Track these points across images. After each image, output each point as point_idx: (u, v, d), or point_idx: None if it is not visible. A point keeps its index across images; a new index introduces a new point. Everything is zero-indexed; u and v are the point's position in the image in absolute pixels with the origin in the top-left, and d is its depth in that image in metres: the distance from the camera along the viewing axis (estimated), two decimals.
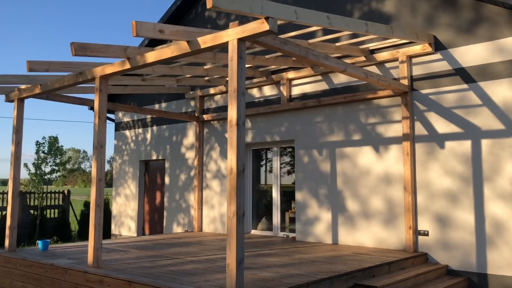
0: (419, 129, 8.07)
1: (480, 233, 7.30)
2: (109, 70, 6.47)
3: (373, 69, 8.75)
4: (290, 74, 9.81)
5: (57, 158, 15.24)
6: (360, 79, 7.21)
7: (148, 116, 13.06)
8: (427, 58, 8.10)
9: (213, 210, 11.13)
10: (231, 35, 5.01)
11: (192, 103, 11.97)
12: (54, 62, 6.64)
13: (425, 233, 7.87)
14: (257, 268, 6.21)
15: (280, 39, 5.49)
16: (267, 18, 4.70)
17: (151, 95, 13.06)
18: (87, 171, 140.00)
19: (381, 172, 8.47)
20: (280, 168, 10.45)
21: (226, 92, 11.13)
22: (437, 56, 7.97)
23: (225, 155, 11.00)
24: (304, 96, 9.75)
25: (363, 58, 8.72)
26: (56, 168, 15.19)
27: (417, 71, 8.20)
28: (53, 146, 15.03)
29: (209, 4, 4.11)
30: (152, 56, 5.89)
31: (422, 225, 7.91)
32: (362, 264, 6.54)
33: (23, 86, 8.16)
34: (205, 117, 11.32)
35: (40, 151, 15.00)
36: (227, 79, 10.90)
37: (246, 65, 8.75)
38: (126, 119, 13.87)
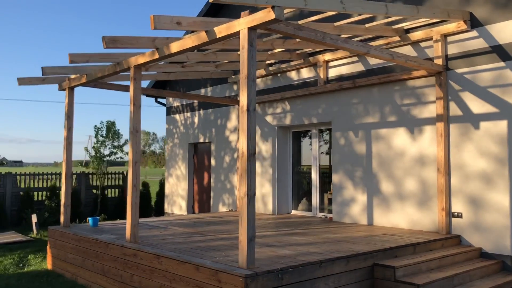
0: (454, 109, 7.90)
1: None
2: (141, 60, 6.90)
3: (408, 49, 8.61)
4: (327, 56, 9.84)
5: (114, 141, 16.21)
6: (387, 61, 7.16)
7: (195, 101, 13.57)
8: (462, 36, 7.86)
9: (255, 191, 11.48)
10: (242, 24, 5.23)
11: (235, 87, 12.31)
12: (93, 54, 7.17)
13: (459, 215, 7.76)
14: (279, 246, 6.48)
15: (294, 25, 5.63)
16: (273, 7, 4.87)
17: (198, 80, 13.54)
18: (157, 152, 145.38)
19: (415, 153, 8.39)
20: (319, 149, 10.58)
21: (265, 75, 11.34)
22: (473, 33, 7.72)
23: (265, 138, 11.28)
24: (340, 78, 9.77)
25: (397, 38, 8.59)
26: (114, 150, 16.17)
27: (452, 49, 7.98)
28: (110, 130, 15.99)
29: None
30: (176, 46, 6.24)
31: (456, 207, 7.80)
32: (385, 245, 6.63)
33: (72, 76, 8.85)
34: None
35: (99, 135, 16.02)
36: (267, 62, 11.11)
37: (281, 49, 8.89)
38: (176, 103, 14.49)
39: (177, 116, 14.41)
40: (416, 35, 8.34)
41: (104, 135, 16.03)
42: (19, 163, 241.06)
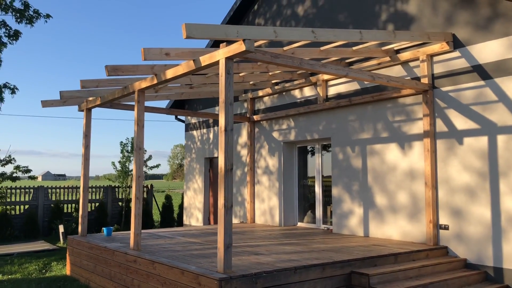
0: (440, 126, 8.28)
1: (496, 227, 7.41)
2: (143, 84, 7.68)
3: (398, 68, 9.06)
4: (326, 76, 10.39)
5: None
6: (370, 82, 7.66)
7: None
8: (446, 56, 8.27)
9: (263, 204, 12.07)
10: (221, 54, 5.90)
11: (246, 104, 12.99)
12: (102, 79, 8.01)
13: (446, 227, 8.10)
14: (265, 254, 7.04)
15: (271, 53, 6.26)
16: (244, 40, 5.51)
17: (213, 99, 14.30)
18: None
19: (406, 168, 8.79)
20: (322, 164, 11.08)
21: (272, 94, 11.97)
22: (456, 53, 8.12)
23: (272, 153, 11.87)
24: (339, 96, 10.28)
25: (388, 59, 9.07)
26: None
27: (438, 69, 8.39)
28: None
29: (184, 35, 5.05)
30: (170, 72, 6.97)
31: (443, 219, 8.15)
32: (366, 254, 7.07)
33: (90, 98, 9.74)
34: (255, 117, 12.27)
35: (124, 150, 17.01)
36: (273, 81, 11.75)
37: (283, 70, 9.51)
38: (193, 120, 15.30)
39: (194, 132, 15.20)
40: (404, 56, 8.80)
41: (129, 151, 16.98)
42: (63, 176, 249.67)
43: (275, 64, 6.34)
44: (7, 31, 12.51)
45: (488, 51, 7.67)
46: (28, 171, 14.12)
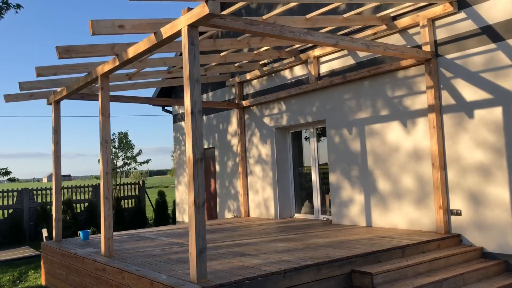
0: (447, 98, 7.31)
1: None
2: (106, 68, 6.73)
3: (397, 37, 8.07)
4: (317, 52, 9.41)
5: (127, 152, 16.25)
6: (364, 51, 6.69)
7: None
8: (450, 19, 7.27)
9: (258, 195, 11.14)
10: (182, 22, 4.94)
11: (234, 90, 12.02)
12: (61, 65, 7.06)
13: (458, 213, 7.15)
14: (253, 255, 6.12)
15: (244, 19, 5.29)
16: (206, 1, 4.55)
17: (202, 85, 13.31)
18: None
19: (410, 148, 7.83)
20: (318, 149, 10.13)
21: (260, 76, 11.00)
22: (461, 15, 7.12)
23: (264, 140, 10.92)
24: (332, 73, 9.31)
25: (384, 27, 8.08)
26: (127, 161, 16.21)
27: (441, 34, 7.40)
28: (122, 142, 16.04)
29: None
30: (131, 50, 6.02)
31: (455, 204, 7.20)
32: (369, 249, 6.15)
33: (58, 90, 8.80)
34: (244, 103, 11.31)
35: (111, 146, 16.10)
36: (260, 62, 10.78)
37: (269, 46, 8.55)
38: (181, 111, 14.35)
39: (183, 123, 14.26)
40: (403, 22, 7.80)
41: (116, 146, 16.08)
42: (68, 177, 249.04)
43: (250, 33, 5.37)
44: None
45: (498, 9, 6.67)
46: (7, 173, 13.26)
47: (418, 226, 7.71)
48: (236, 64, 10.45)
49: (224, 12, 6.26)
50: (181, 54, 11.57)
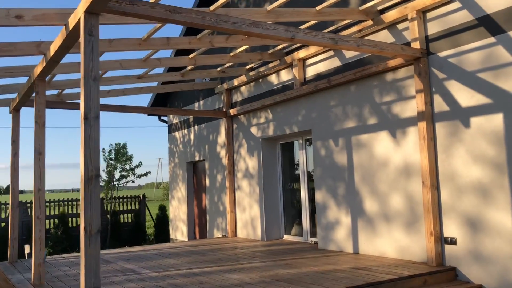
0: (439, 104, 6.14)
1: None
2: (38, 69, 5.93)
3: (385, 34, 6.96)
4: (301, 53, 8.38)
5: (126, 164, 15.53)
6: (330, 48, 5.64)
7: (191, 116, 12.51)
8: (442, 10, 6.13)
9: (245, 213, 10.12)
10: (80, 9, 4.05)
11: (223, 97, 11.09)
12: None
13: (453, 241, 5.94)
14: None
15: (166, 6, 4.36)
16: None
17: (192, 94, 12.48)
18: None
19: (399, 162, 6.67)
20: (307, 163, 9.04)
21: (247, 82, 10.04)
22: (456, 4, 5.97)
23: (251, 152, 9.91)
24: (318, 77, 8.25)
25: (370, 22, 6.99)
26: (125, 174, 15.49)
27: (432, 28, 6.26)
28: (119, 153, 15.35)
29: None
30: (52, 47, 5.18)
31: (449, 230, 5.99)
32: (333, 286, 5.04)
33: (16, 96, 8.10)
34: (232, 111, 10.36)
35: (108, 158, 15.41)
36: (247, 67, 9.84)
37: (247, 46, 7.58)
38: (175, 120, 13.54)
39: (176, 134, 13.43)
40: (390, 16, 6.70)
41: (113, 158, 15.40)
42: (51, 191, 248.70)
43: (173, 22, 4.43)
44: None
45: None
46: None
47: (408, 255, 6.51)
48: (218, 69, 9.53)
49: (212, 8, 5.32)
50: (178, 54, 10.82)
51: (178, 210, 13.16)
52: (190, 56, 7.86)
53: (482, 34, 5.66)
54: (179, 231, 13.11)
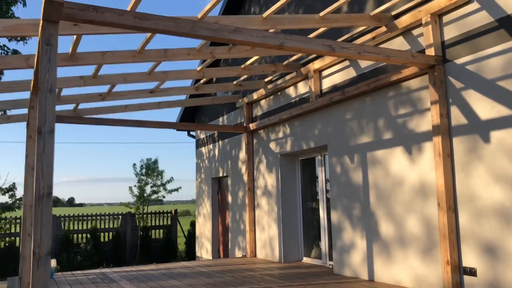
0: (457, 116, 5.50)
1: None
2: (32, 83, 5.83)
3: (399, 41, 6.40)
4: (316, 64, 7.92)
5: (157, 179, 15.50)
6: (328, 55, 5.18)
7: (215, 131, 12.27)
8: (460, 12, 5.52)
9: (264, 233, 9.67)
10: (42, 17, 3.85)
11: (244, 112, 10.76)
12: None
13: (472, 272, 5.23)
14: None
15: (135, 13, 4.09)
16: None
17: (217, 108, 12.24)
18: None
19: (415, 181, 6.04)
20: (326, 180, 8.50)
21: (266, 95, 9.66)
22: (474, 5, 5.36)
23: (270, 169, 9.48)
24: (334, 89, 7.75)
25: (384, 29, 6.45)
26: (156, 189, 15.44)
27: (449, 33, 5.66)
28: (149, 169, 15.33)
29: None
30: (36, 61, 5.05)
31: (468, 260, 5.29)
32: None
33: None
34: (251, 126, 10.00)
35: (139, 174, 15.43)
36: (266, 80, 9.48)
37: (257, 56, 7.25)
38: (202, 136, 13.34)
39: (203, 149, 13.22)
40: (403, 21, 6.14)
41: (144, 174, 15.40)
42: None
43: (143, 30, 4.15)
44: None
45: None
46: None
47: (425, 285, 5.83)
48: (235, 82, 9.23)
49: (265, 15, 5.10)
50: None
51: (204, 227, 12.88)
52: (198, 68, 7.60)
53: (503, 37, 5.02)
54: (204, 249, 12.81)
